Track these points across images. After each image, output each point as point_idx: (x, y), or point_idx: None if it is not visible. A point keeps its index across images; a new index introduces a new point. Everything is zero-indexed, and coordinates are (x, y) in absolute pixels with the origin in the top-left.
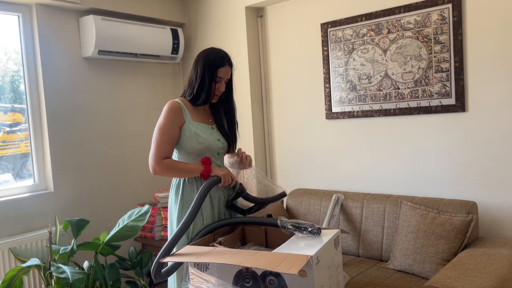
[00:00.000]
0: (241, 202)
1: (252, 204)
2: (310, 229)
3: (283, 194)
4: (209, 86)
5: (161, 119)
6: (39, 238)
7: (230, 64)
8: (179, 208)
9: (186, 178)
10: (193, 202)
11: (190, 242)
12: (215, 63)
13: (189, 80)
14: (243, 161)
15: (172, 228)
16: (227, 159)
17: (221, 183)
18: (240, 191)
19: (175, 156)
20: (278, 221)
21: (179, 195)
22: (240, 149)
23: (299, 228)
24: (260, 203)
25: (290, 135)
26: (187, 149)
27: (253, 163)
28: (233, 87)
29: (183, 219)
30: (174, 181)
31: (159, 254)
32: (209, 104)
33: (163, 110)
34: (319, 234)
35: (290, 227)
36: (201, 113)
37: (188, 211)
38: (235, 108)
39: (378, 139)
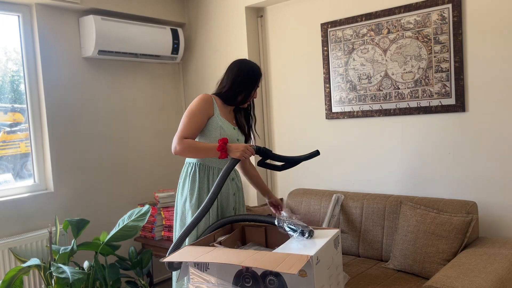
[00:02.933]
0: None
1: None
2: (301, 229)
3: (316, 153)
4: (250, 91)
5: (192, 105)
6: (39, 238)
7: (262, 75)
8: (189, 195)
9: (199, 167)
10: (215, 184)
11: (199, 237)
12: (259, 73)
13: (230, 83)
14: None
15: (184, 217)
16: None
17: (240, 160)
18: (265, 152)
19: None
20: (276, 221)
21: (191, 182)
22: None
23: (293, 229)
24: (291, 162)
25: (290, 135)
26: (209, 139)
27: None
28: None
29: (204, 203)
30: (186, 169)
31: (177, 238)
32: (234, 108)
33: (195, 99)
34: (311, 236)
35: (286, 227)
36: (227, 113)
37: (209, 195)
38: (255, 118)
39: (378, 139)
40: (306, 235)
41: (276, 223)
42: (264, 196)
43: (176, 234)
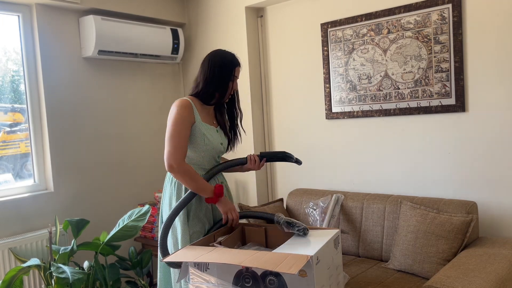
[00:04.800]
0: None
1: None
2: (297, 227)
3: (299, 162)
4: (226, 85)
5: (174, 115)
6: (39, 238)
7: (240, 64)
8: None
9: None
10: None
11: (207, 232)
12: (232, 62)
13: (202, 80)
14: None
15: (173, 226)
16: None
17: (223, 220)
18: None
19: None
20: (275, 217)
21: (178, 191)
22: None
23: (291, 225)
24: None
25: (290, 135)
26: (194, 147)
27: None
28: (237, 89)
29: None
30: (171, 178)
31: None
32: (214, 106)
33: (174, 107)
34: (305, 234)
35: (282, 223)
36: (207, 114)
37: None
38: (241, 111)
39: (378, 139)
40: (302, 233)
41: (274, 219)
42: (243, 170)
43: (168, 244)
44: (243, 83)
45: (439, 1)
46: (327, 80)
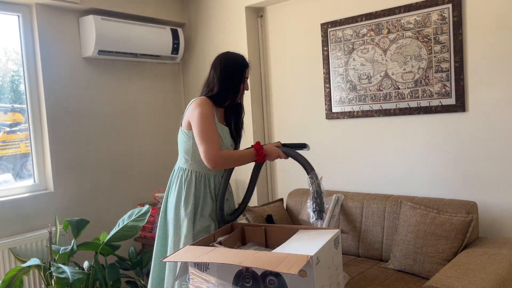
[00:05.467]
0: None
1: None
2: (314, 206)
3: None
4: (238, 86)
5: (200, 113)
6: (39, 238)
7: (249, 65)
8: (184, 203)
9: (195, 174)
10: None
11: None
12: (243, 64)
13: (217, 82)
14: None
15: (178, 225)
16: None
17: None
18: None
19: (189, 151)
20: (311, 173)
21: (187, 189)
22: None
23: (314, 198)
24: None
25: (290, 135)
26: None
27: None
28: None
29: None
30: (180, 176)
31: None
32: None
33: (196, 107)
34: (319, 218)
35: (314, 185)
36: (220, 115)
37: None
38: (244, 111)
39: (378, 139)
40: (315, 216)
41: (308, 179)
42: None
43: (169, 242)
44: None
45: (439, 1)
46: (327, 80)
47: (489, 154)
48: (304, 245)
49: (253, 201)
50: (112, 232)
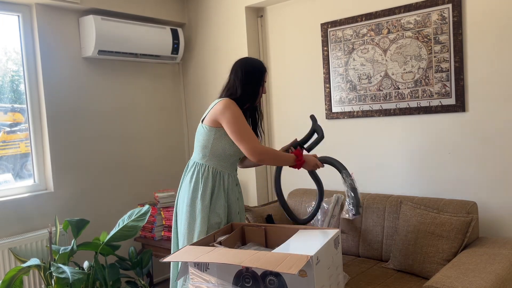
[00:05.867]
0: None
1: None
2: (352, 204)
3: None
4: (258, 90)
5: (232, 113)
6: (39, 238)
7: (267, 69)
8: (201, 199)
9: (212, 171)
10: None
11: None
12: (262, 68)
13: (239, 86)
14: None
15: (193, 220)
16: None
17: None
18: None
19: (206, 151)
20: (343, 173)
21: (204, 185)
22: None
23: (351, 193)
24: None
25: (290, 135)
26: (225, 148)
27: None
28: None
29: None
30: (197, 171)
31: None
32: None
33: (226, 107)
34: (357, 213)
35: (348, 181)
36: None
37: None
38: (262, 114)
39: (378, 139)
40: (354, 211)
41: (343, 175)
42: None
43: (180, 237)
44: None
45: (439, 1)
46: (327, 80)
47: (489, 154)
48: (304, 245)
49: (253, 201)
50: (112, 232)
